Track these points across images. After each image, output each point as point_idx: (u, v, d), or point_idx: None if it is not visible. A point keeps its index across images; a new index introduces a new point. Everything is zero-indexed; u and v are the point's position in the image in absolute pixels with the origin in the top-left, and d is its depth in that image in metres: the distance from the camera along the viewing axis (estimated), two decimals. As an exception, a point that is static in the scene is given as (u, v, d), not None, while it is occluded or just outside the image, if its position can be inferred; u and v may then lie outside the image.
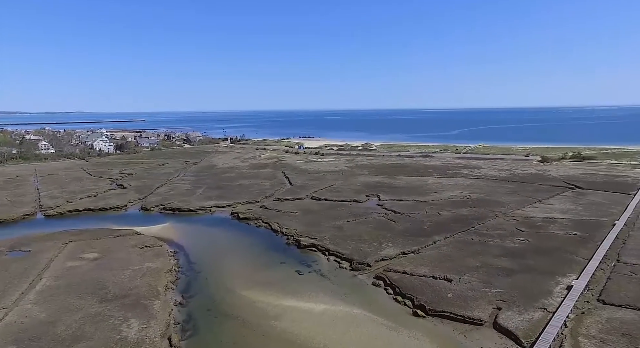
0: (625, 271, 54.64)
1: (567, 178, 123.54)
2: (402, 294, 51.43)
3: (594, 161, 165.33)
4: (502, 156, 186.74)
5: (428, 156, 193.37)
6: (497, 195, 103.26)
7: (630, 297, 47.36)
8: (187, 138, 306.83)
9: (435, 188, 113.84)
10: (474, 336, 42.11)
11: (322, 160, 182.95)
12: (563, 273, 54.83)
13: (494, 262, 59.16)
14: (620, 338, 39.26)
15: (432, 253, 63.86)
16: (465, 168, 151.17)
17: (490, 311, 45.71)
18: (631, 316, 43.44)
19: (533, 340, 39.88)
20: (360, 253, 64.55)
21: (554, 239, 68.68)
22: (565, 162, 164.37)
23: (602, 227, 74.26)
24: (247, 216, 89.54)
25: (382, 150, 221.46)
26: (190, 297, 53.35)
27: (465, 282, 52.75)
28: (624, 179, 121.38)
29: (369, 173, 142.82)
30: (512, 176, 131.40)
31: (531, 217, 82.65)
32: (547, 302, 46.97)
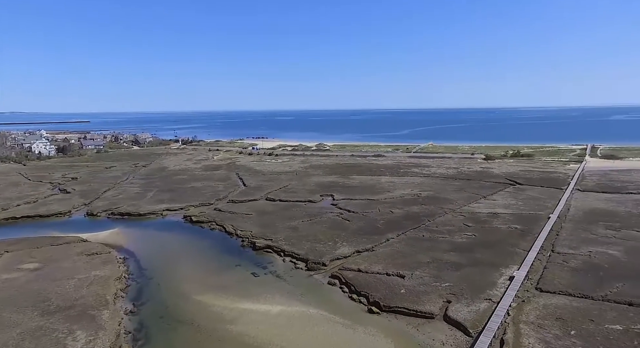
0: (558, 260, 59.00)
1: (508, 175, 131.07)
2: (357, 292, 52.56)
3: (531, 159, 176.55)
4: (449, 155, 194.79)
5: (380, 155, 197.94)
6: (445, 192, 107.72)
7: (562, 284, 51.26)
8: (135, 140, 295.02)
9: (387, 187, 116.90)
10: (426, 329, 43.85)
11: (276, 161, 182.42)
12: (506, 264, 58.26)
13: (443, 257, 61.79)
14: (555, 322, 42.45)
15: (386, 250, 65.69)
16: (415, 167, 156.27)
17: (441, 304, 47.78)
18: (564, 301, 47.06)
19: (480, 329, 42.13)
20: (315, 253, 65.22)
21: (497, 233, 72.75)
22: (507, 160, 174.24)
23: (539, 220, 79.58)
24: (201, 219, 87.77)
25: (336, 150, 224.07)
26: (141, 305, 51.67)
27: (417, 278, 54.76)
28: (557, 175, 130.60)
29: (323, 173, 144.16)
30: (459, 174, 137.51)
31: (477, 212, 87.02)
32: (492, 293, 49.77)
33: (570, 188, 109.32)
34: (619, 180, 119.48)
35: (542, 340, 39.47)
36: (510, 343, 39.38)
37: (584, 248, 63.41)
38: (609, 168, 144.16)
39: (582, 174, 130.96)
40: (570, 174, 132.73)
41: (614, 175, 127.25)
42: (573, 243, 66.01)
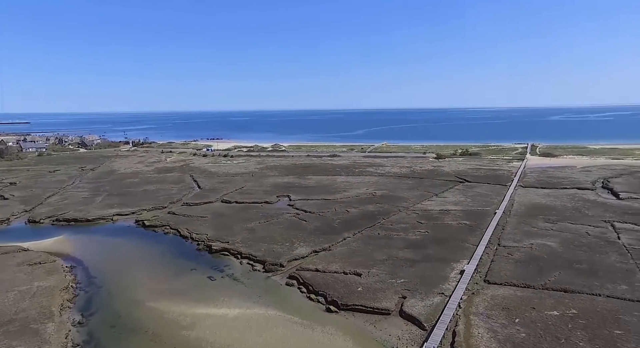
0: (504, 253, 62.49)
1: (458, 173, 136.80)
2: (315, 292, 53.06)
3: (478, 157, 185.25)
4: (402, 154, 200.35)
5: (336, 155, 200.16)
6: (399, 191, 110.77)
7: (508, 275, 54.38)
8: (82, 142, 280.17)
9: (343, 186, 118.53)
10: (382, 325, 45.05)
11: (231, 162, 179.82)
12: (457, 259, 60.91)
13: (398, 254, 63.63)
14: (501, 312, 45.01)
15: (343, 249, 66.72)
16: (370, 166, 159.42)
17: (397, 300, 49.23)
18: (509, 292, 49.95)
19: (433, 323, 43.86)
20: (273, 254, 65.12)
21: (448, 229, 75.84)
22: (456, 159, 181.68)
23: (487, 215, 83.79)
24: (154, 223, 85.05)
25: (292, 151, 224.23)
26: (91, 315, 49.46)
27: (373, 275, 56.08)
28: (501, 172, 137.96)
29: (279, 174, 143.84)
30: (412, 173, 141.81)
31: (429, 209, 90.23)
32: (445, 287, 51.91)
33: (513, 184, 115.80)
34: (555, 176, 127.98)
35: (490, 330, 41.72)
36: (462, 334, 41.30)
37: (526, 241, 67.51)
38: (547, 165, 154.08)
39: (524, 171, 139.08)
40: (514, 171, 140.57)
41: (551, 172, 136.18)
42: (516, 236, 70.08)
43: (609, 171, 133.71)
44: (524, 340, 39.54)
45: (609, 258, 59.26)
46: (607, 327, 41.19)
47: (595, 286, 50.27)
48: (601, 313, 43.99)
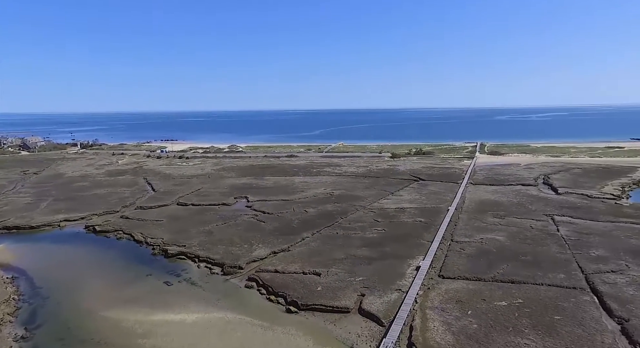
0: (457, 248, 65.24)
1: (413, 172, 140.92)
2: (274, 293, 53.05)
3: (432, 156, 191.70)
4: (359, 154, 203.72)
5: (293, 156, 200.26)
6: (356, 190, 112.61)
7: (461, 269, 56.88)
8: (24, 144, 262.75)
9: (301, 186, 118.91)
10: (342, 323, 45.78)
11: (187, 164, 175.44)
12: (413, 256, 62.88)
13: (357, 253, 64.78)
14: (455, 305, 47.07)
15: (302, 249, 67.05)
16: (327, 166, 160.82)
17: (356, 298, 50.17)
18: (462, 285, 52.28)
19: (391, 319, 45.12)
20: (231, 256, 64.41)
21: (404, 227, 78.07)
22: (411, 158, 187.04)
23: (440, 212, 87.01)
24: (106, 228, 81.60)
25: (249, 152, 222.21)
26: (36, 328, 46.79)
27: (332, 274, 56.80)
28: (453, 170, 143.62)
29: (236, 175, 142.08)
30: (368, 172, 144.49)
31: (386, 208, 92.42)
32: (402, 283, 53.47)
33: (464, 182, 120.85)
34: (502, 173, 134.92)
35: (444, 322, 43.51)
36: (418, 328, 42.78)
37: (476, 236, 70.80)
38: (494, 163, 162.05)
39: (474, 169, 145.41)
40: (464, 169, 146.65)
41: (498, 169, 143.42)
42: (468, 232, 73.32)
43: (548, 168, 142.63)
44: (476, 331, 41.58)
45: (550, 249, 63.37)
46: (548, 314, 44.14)
47: (539, 276, 53.61)
48: (543, 301, 47.04)
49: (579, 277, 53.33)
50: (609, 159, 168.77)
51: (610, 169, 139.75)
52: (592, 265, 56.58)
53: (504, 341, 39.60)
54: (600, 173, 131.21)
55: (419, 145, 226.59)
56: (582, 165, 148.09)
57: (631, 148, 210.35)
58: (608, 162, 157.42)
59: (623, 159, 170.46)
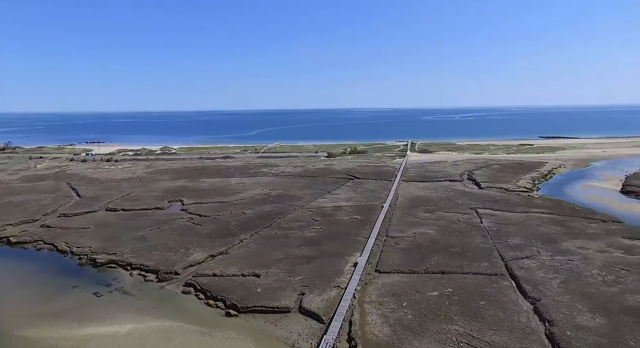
0: (392, 243, 68.19)
1: (348, 171, 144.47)
2: (213, 297, 52.06)
3: (366, 154, 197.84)
4: (296, 154, 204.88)
5: (229, 157, 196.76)
6: (294, 190, 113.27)
7: (396, 263, 59.59)
8: None
9: (238, 188, 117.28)
10: (283, 323, 46.04)
11: (116, 167, 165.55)
12: (350, 253, 64.66)
13: (296, 252, 65.34)
14: (391, 298, 49.27)
15: (240, 251, 66.33)
16: (264, 166, 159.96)
17: (296, 297, 50.67)
18: (397, 279, 54.81)
19: (331, 315, 46.14)
20: (166, 262, 62.14)
21: (341, 224, 79.95)
22: (346, 157, 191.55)
23: (375, 209, 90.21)
24: (23, 239, 74.89)
25: (183, 154, 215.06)
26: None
27: (272, 275, 56.86)
28: (387, 168, 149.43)
29: (170, 178, 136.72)
30: (305, 172, 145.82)
31: (323, 207, 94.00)
32: (340, 280, 54.83)
33: (397, 179, 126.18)
34: (431, 170, 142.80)
35: (382, 315, 45.40)
36: (357, 323, 44.25)
37: (409, 230, 74.41)
38: (424, 161, 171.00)
39: (406, 167, 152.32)
40: (397, 167, 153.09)
41: (428, 167, 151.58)
42: (402, 227, 76.83)
43: (472, 164, 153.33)
44: (411, 321, 43.89)
45: (475, 240, 68.36)
46: (474, 300, 47.73)
47: (465, 265, 57.66)
48: (470, 288, 50.74)
49: (499, 264, 58.15)
50: (522, 155, 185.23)
51: (523, 164, 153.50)
52: (510, 253, 61.94)
53: (436, 329, 42.21)
54: (515, 168, 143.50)
55: (354, 145, 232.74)
56: (500, 161, 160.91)
57: (539, 145, 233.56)
58: (521, 158, 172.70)
59: (533, 155, 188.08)
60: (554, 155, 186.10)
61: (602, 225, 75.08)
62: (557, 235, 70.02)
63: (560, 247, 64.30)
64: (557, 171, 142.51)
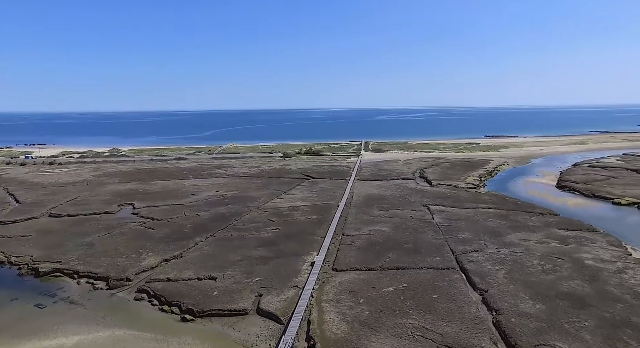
0: (348, 242, 69.30)
1: (304, 171, 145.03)
2: (168, 302, 50.66)
3: (321, 154, 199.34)
4: (250, 154, 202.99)
5: (182, 158, 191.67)
6: (249, 191, 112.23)
7: (352, 261, 60.65)
8: None
9: (192, 190, 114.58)
10: (241, 326, 45.61)
11: (60, 171, 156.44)
12: (307, 252, 65.07)
13: (252, 253, 64.85)
14: (348, 296, 50.14)
15: (195, 255, 64.94)
16: (219, 168, 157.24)
17: (253, 299, 50.34)
18: (354, 276, 55.83)
19: (290, 315, 46.27)
20: (117, 268, 59.71)
21: (298, 224, 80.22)
22: (301, 157, 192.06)
23: (331, 208, 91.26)
24: (-48, 251, 69.07)
25: (133, 155, 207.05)
26: None
27: (229, 277, 56.14)
28: (342, 168, 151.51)
29: (119, 180, 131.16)
30: (260, 172, 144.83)
31: (279, 207, 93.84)
32: (298, 280, 55.09)
33: (352, 178, 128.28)
34: (385, 169, 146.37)
35: (339, 313, 46.09)
36: (316, 321, 44.65)
37: (365, 228, 75.93)
38: (378, 160, 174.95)
39: (360, 166, 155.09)
40: (351, 166, 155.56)
41: (382, 166, 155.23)
42: (357, 225, 78.24)
43: (423, 163, 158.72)
44: (368, 317, 44.89)
45: (427, 236, 70.92)
46: (428, 294, 49.59)
47: (419, 261, 59.70)
48: (423, 283, 52.64)
49: (450, 258, 60.70)
50: (470, 154, 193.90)
51: (471, 162, 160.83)
52: (460, 247, 64.82)
53: (392, 323, 43.46)
54: (463, 166, 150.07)
55: (309, 145, 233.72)
56: (449, 160, 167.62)
57: (485, 143, 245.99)
58: (469, 156, 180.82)
59: (479, 153, 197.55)
60: (498, 153, 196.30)
61: (540, 218, 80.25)
62: (502, 228, 74.07)
63: (505, 239, 68.10)
64: (501, 168, 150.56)
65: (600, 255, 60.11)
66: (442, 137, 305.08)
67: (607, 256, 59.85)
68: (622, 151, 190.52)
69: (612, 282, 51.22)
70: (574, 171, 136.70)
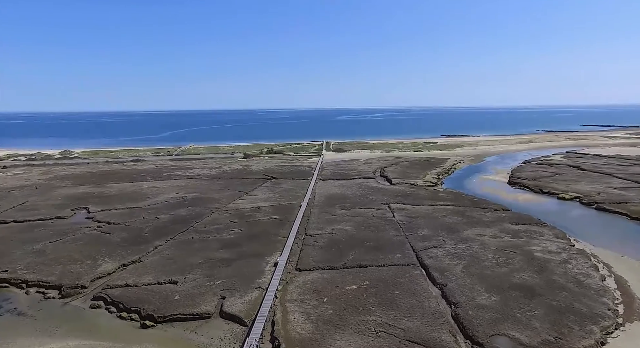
0: (311, 241, 69.71)
1: (265, 171, 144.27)
2: (127, 309, 49.06)
3: (283, 154, 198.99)
4: (211, 155, 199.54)
5: (140, 160, 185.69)
6: (210, 192, 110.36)
7: (315, 260, 61.10)
8: None
9: (150, 192, 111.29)
10: (204, 330, 44.87)
11: (5, 174, 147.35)
12: (270, 253, 64.89)
13: (215, 256, 63.92)
14: (312, 295, 50.50)
15: (155, 259, 63.23)
16: (178, 169, 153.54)
17: (216, 302, 49.66)
18: (317, 275, 56.28)
19: (253, 317, 45.97)
20: (71, 276, 57.14)
21: (260, 225, 79.79)
22: (263, 157, 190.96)
23: (294, 208, 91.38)
24: None
25: (87, 158, 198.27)
26: None
27: (190, 281, 55.09)
28: (303, 168, 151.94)
29: (72, 184, 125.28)
30: (221, 173, 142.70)
31: (241, 208, 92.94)
32: (261, 281, 54.84)
33: (314, 178, 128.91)
34: (346, 168, 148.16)
35: (303, 313, 46.35)
36: (280, 322, 44.67)
37: (327, 228, 76.62)
38: (339, 159, 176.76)
39: (322, 166, 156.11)
40: (313, 166, 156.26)
41: (343, 165, 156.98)
42: (320, 224, 78.81)
43: (384, 162, 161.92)
44: (332, 316, 45.42)
45: (388, 233, 72.54)
46: (390, 290, 50.81)
47: (381, 258, 61.00)
48: (385, 279, 53.87)
49: (411, 254, 62.43)
50: (428, 152, 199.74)
51: (429, 160, 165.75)
52: (420, 244, 66.79)
53: (356, 321, 44.21)
54: (422, 164, 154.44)
55: (271, 145, 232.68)
56: (408, 159, 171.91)
57: (442, 142, 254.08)
58: (427, 155, 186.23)
59: (437, 152, 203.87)
60: (454, 151, 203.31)
61: (494, 214, 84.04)
62: (459, 224, 76.94)
63: (462, 235, 70.82)
64: (457, 166, 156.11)
65: (548, 247, 63.83)
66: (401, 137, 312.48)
67: (553, 248, 63.65)
68: (565, 149, 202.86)
69: (558, 272, 54.59)
70: (524, 168, 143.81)
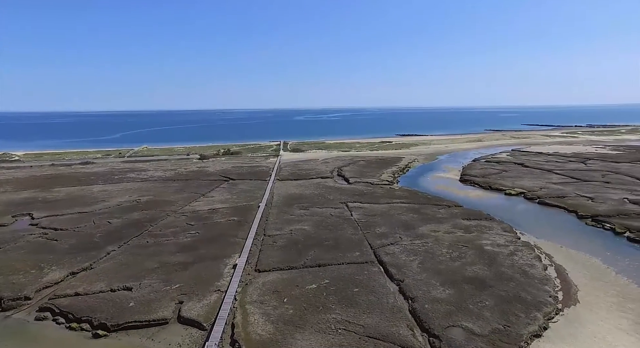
0: (270, 242, 69.50)
1: (222, 172, 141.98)
2: (77, 319, 46.81)
3: (240, 155, 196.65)
4: (165, 157, 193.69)
5: (89, 163, 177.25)
6: (165, 195, 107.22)
7: (274, 261, 60.99)
8: None
9: (101, 196, 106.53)
10: (161, 336, 43.68)
11: None
12: (229, 255, 64.07)
13: (171, 260, 62.25)
14: (272, 296, 50.43)
15: (107, 265, 60.70)
16: (131, 171, 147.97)
17: (174, 307, 48.45)
18: (277, 276, 56.22)
19: (213, 321, 45.30)
20: (12, 287, 53.70)
21: (218, 227, 78.53)
22: (220, 158, 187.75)
23: (252, 209, 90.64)
24: None
25: (30, 161, 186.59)
26: None
27: (146, 286, 53.37)
28: (261, 168, 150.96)
29: (13, 188, 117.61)
30: (177, 175, 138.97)
31: (198, 210, 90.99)
32: (220, 284, 54.06)
33: (272, 179, 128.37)
34: (304, 168, 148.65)
35: (263, 314, 46.20)
36: (240, 324, 44.28)
37: (286, 228, 76.65)
38: (297, 159, 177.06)
39: (280, 166, 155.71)
40: (271, 166, 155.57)
41: (301, 165, 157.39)
42: (278, 225, 78.69)
43: (341, 161, 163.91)
44: (292, 316, 45.58)
45: (347, 232, 73.62)
46: (349, 288, 51.66)
47: (340, 257, 61.84)
48: (345, 277, 54.70)
49: (369, 252, 63.72)
50: (384, 152, 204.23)
51: (385, 159, 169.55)
52: (378, 241, 68.31)
53: (316, 320, 44.63)
54: (378, 163, 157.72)
55: (228, 146, 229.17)
56: (365, 158, 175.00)
57: (397, 142, 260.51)
58: (383, 155, 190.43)
59: (392, 151, 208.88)
60: (409, 150, 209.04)
61: (447, 210, 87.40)
62: (414, 221, 79.36)
63: (418, 231, 73.13)
64: (412, 165, 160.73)
65: (497, 241, 67.29)
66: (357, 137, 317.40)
67: (502, 241, 67.17)
68: (510, 147, 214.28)
69: (506, 264, 57.72)
70: (474, 166, 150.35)
